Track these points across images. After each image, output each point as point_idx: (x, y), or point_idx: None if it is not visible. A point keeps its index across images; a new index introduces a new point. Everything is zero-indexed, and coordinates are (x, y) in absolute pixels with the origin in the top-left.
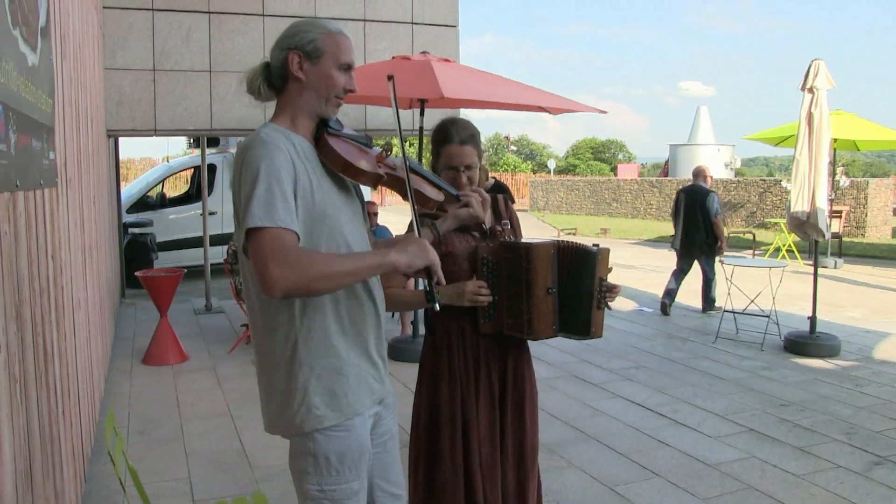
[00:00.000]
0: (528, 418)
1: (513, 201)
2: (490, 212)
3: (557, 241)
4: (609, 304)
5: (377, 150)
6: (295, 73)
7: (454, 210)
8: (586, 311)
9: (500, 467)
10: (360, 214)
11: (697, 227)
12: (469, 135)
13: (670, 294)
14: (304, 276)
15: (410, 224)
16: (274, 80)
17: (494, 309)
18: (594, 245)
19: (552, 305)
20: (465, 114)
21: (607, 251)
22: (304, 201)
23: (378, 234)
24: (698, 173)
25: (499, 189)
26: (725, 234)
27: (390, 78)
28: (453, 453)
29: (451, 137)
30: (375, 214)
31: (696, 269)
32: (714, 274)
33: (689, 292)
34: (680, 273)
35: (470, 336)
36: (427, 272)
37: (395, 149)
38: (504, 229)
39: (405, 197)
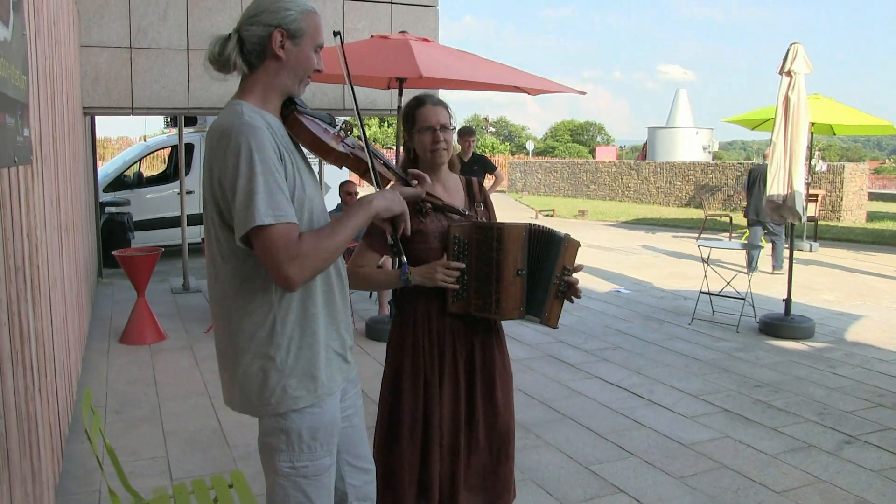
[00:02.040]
0: (501, 401)
1: (494, 168)
2: (464, 194)
3: (530, 223)
4: (570, 297)
5: (336, 129)
6: (276, 51)
7: (397, 187)
8: (542, 295)
9: (464, 449)
10: (320, 190)
11: None
12: (441, 100)
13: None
14: (317, 261)
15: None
16: (250, 56)
17: (463, 289)
18: (564, 234)
19: (521, 287)
20: (444, 94)
21: (577, 244)
22: (287, 183)
23: None
24: (767, 155)
25: (479, 161)
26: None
27: (337, 34)
28: (413, 426)
29: (424, 101)
30: (356, 194)
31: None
32: (783, 239)
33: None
34: (754, 238)
35: (436, 317)
36: (394, 221)
37: (354, 129)
38: (477, 211)
39: (362, 176)
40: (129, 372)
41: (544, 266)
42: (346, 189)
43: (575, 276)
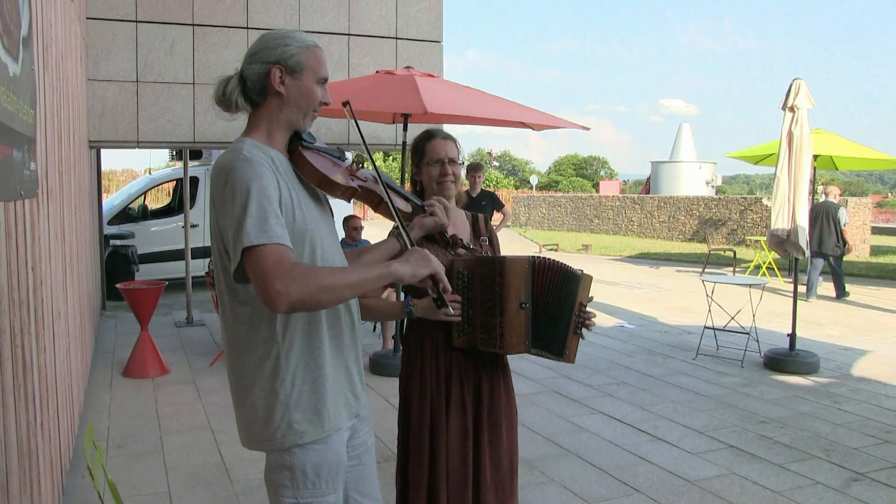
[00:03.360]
0: (506, 436)
1: (502, 206)
2: (469, 229)
3: (533, 256)
4: (584, 332)
5: (348, 162)
6: (276, 87)
7: (420, 219)
8: (563, 332)
9: (470, 483)
10: (333, 227)
11: (830, 233)
12: (450, 135)
13: (811, 285)
14: (309, 289)
15: (391, 232)
16: (251, 93)
17: (468, 323)
18: (579, 270)
19: (525, 320)
20: (448, 129)
21: (590, 278)
22: (286, 218)
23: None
24: (828, 192)
25: (487, 197)
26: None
27: (346, 104)
28: (419, 464)
29: (433, 134)
30: (361, 229)
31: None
32: (842, 269)
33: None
34: (814, 269)
35: (443, 351)
36: (433, 280)
37: (366, 161)
38: (482, 246)
39: (375, 209)
40: (131, 405)
41: (561, 303)
42: (352, 224)
43: (589, 308)
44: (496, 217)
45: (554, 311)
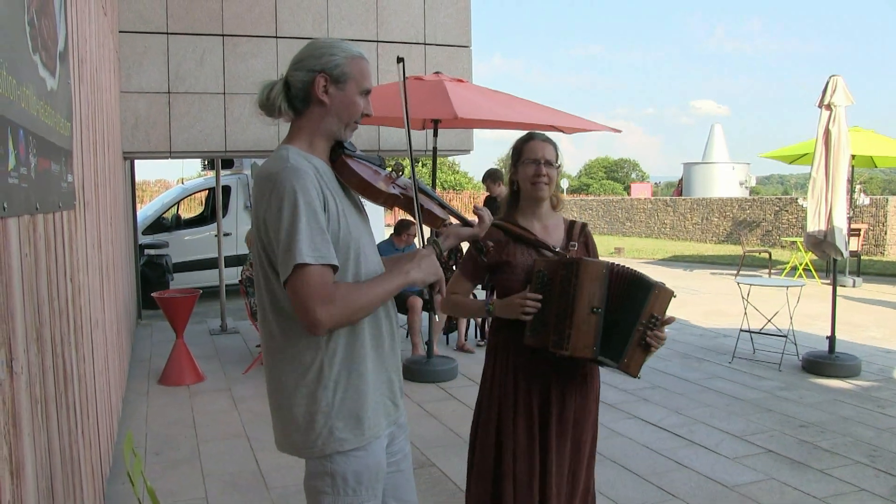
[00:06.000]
0: (572, 449)
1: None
2: (563, 234)
3: (612, 263)
4: (652, 345)
5: (388, 170)
6: (319, 96)
7: (455, 228)
8: (623, 339)
9: (537, 488)
10: (371, 233)
11: None
12: (550, 138)
13: None
14: (347, 311)
15: (428, 240)
16: (294, 100)
17: (542, 324)
18: (657, 281)
19: (595, 325)
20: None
21: (669, 293)
22: (332, 226)
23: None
24: None
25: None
26: None
27: (400, 60)
28: (485, 460)
29: (534, 136)
30: (414, 236)
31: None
32: None
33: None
34: None
35: (512, 351)
36: (432, 284)
37: (405, 170)
38: (570, 250)
39: (415, 216)
40: (167, 413)
41: (629, 310)
42: (410, 231)
43: (666, 329)
44: None
45: (621, 317)
